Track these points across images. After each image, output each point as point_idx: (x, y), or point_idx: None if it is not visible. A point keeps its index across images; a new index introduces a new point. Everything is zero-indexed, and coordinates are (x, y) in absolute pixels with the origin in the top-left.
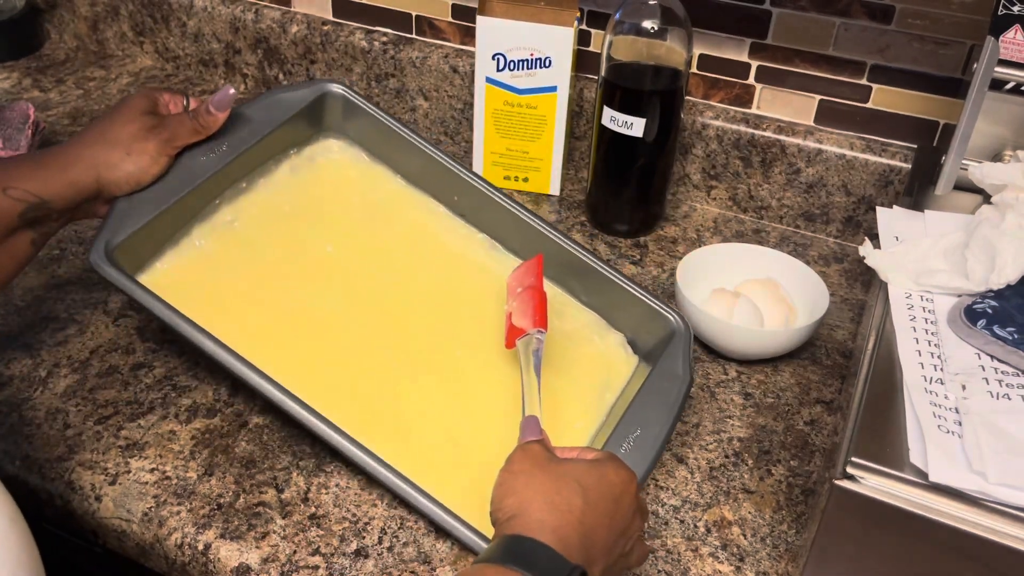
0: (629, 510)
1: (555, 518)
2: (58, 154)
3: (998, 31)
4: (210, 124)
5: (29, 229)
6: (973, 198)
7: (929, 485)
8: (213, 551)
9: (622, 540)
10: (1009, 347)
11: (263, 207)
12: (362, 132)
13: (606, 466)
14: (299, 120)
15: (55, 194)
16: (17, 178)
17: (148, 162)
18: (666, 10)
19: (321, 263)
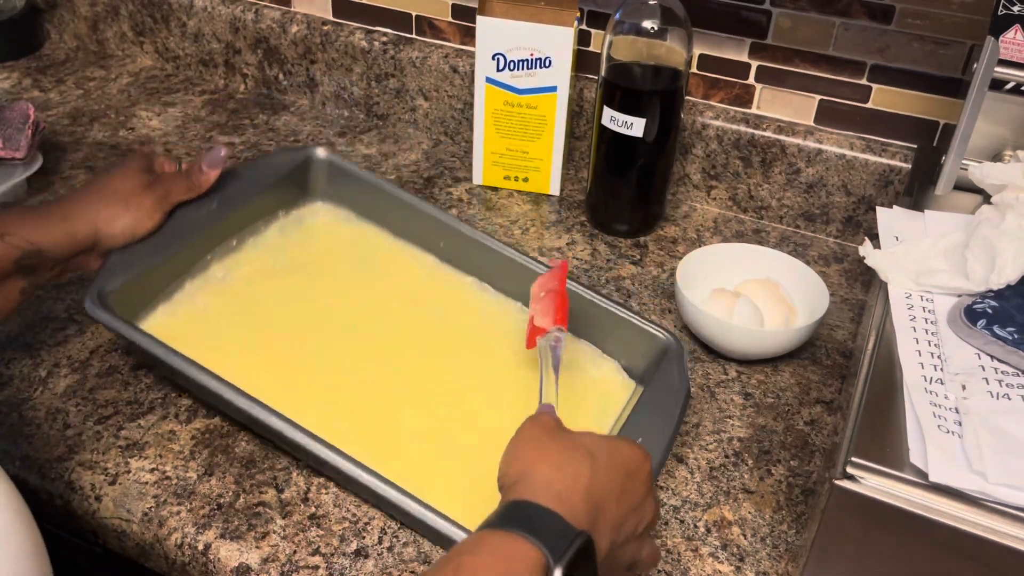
0: (642, 488)
1: (561, 483)
2: (57, 206)
3: (998, 31)
4: (202, 182)
5: (22, 277)
6: (973, 198)
7: (929, 485)
8: (213, 551)
9: (633, 519)
10: (1009, 347)
11: (253, 265)
12: (347, 193)
13: (619, 441)
14: (286, 183)
15: (52, 243)
16: (15, 225)
17: (144, 216)
18: (666, 10)
19: (313, 313)
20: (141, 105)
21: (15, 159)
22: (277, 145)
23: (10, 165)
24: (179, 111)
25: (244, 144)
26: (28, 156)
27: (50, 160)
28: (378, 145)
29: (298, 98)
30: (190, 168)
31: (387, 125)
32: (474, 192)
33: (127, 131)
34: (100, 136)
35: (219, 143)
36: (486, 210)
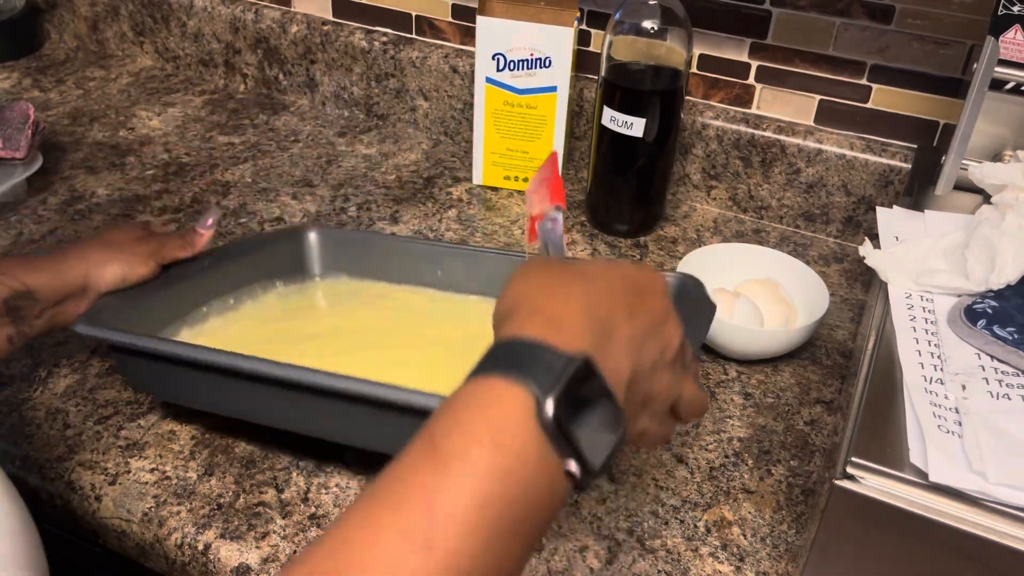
0: (656, 305)
1: (552, 307)
2: (52, 254)
3: (998, 31)
4: (196, 241)
5: (9, 324)
6: (973, 198)
7: (929, 485)
8: (213, 551)
9: (654, 341)
10: (1009, 347)
11: (251, 319)
12: (342, 260)
13: (622, 261)
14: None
15: (42, 284)
16: (7, 266)
17: (137, 262)
18: (666, 10)
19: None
20: (141, 105)
21: (15, 159)
22: (277, 146)
23: (10, 165)
24: (179, 111)
25: (244, 144)
26: (28, 156)
27: (50, 160)
28: (378, 145)
29: (298, 98)
30: (184, 231)
31: (387, 125)
32: (474, 192)
33: (127, 131)
34: (100, 136)
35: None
36: (486, 210)
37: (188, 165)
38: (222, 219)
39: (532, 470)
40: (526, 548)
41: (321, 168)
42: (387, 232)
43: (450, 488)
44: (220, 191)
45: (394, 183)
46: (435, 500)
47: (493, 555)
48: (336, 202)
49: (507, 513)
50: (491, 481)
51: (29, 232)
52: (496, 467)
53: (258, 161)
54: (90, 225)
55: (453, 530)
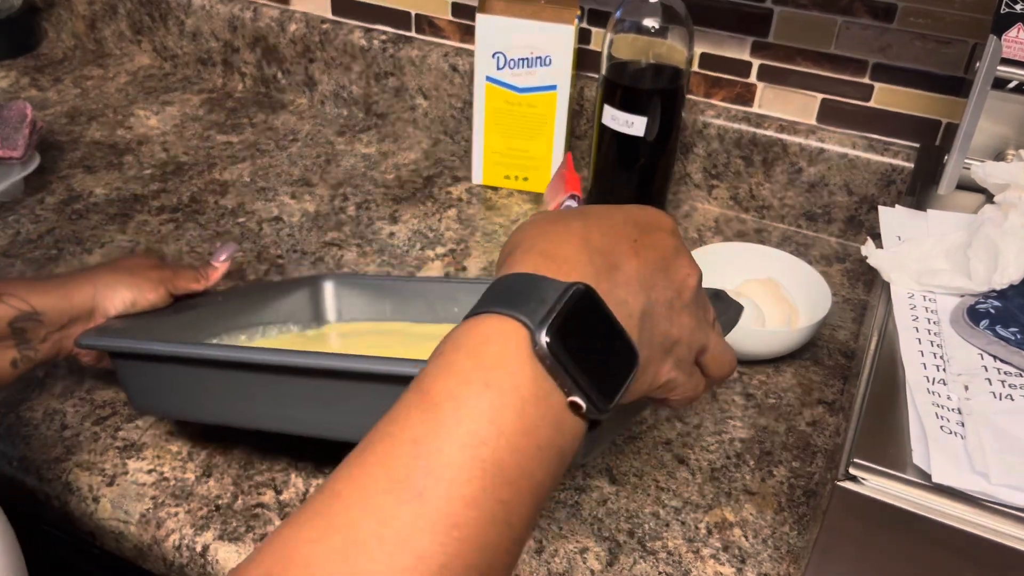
0: (665, 242)
1: (547, 243)
2: (59, 277)
3: (1000, 30)
4: (210, 275)
5: (14, 347)
6: (976, 197)
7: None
8: (211, 553)
9: (665, 278)
10: (1012, 347)
11: None
12: (358, 305)
13: (626, 204)
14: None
15: (49, 306)
16: (15, 288)
17: (147, 288)
18: (667, 8)
19: None
20: (139, 104)
21: (12, 158)
22: (276, 145)
23: (7, 165)
24: (177, 110)
25: (242, 143)
26: (26, 155)
27: (48, 159)
28: (377, 144)
29: (297, 97)
30: (198, 266)
31: (386, 124)
32: (474, 191)
33: (125, 130)
34: (98, 135)
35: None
36: (486, 209)
37: (186, 164)
38: (220, 218)
39: (530, 409)
40: (533, 496)
41: (320, 167)
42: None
43: (440, 434)
44: (218, 190)
45: (393, 182)
46: (425, 447)
47: (493, 502)
48: (335, 201)
49: (506, 457)
50: (483, 422)
51: (27, 232)
52: (489, 408)
53: (256, 160)
54: (88, 224)
55: (446, 477)
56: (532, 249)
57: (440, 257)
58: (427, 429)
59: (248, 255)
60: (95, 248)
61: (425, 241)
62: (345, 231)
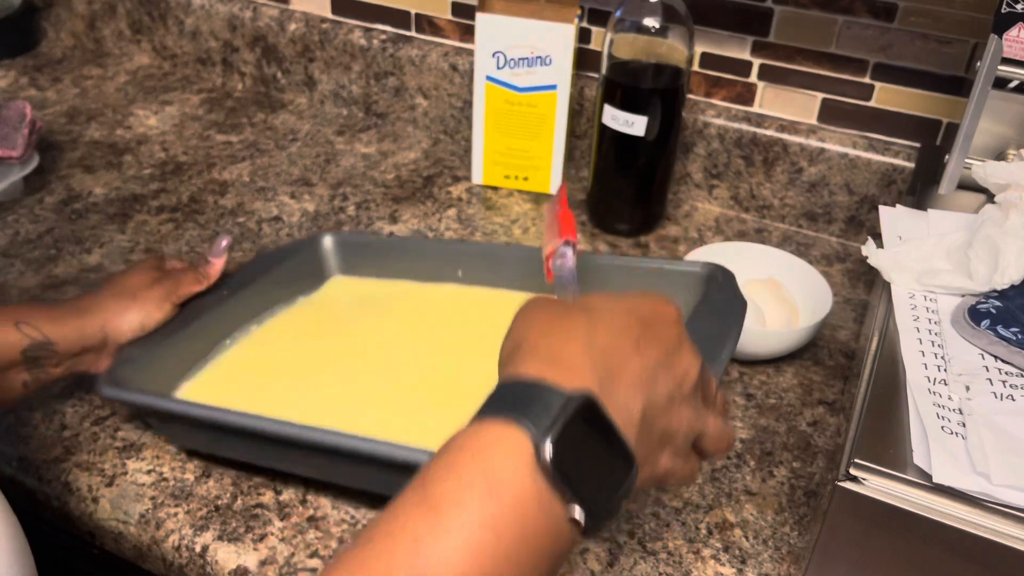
0: (667, 336)
1: (550, 345)
2: (70, 303)
3: (1001, 29)
4: (209, 272)
5: (25, 370)
6: (976, 197)
7: (932, 486)
8: (211, 553)
9: (667, 374)
10: (1013, 347)
11: (274, 342)
12: (361, 262)
13: (628, 293)
14: (299, 271)
15: (62, 336)
16: (30, 315)
17: (153, 308)
18: (667, 8)
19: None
20: (138, 103)
21: (11, 158)
22: (275, 144)
23: (7, 164)
24: (176, 109)
25: (242, 143)
26: (25, 155)
27: (47, 159)
28: (377, 144)
29: (296, 96)
30: (196, 261)
31: (386, 124)
32: (474, 191)
33: (124, 130)
34: (97, 135)
35: (223, 231)
36: (486, 209)
37: (185, 164)
38: (219, 218)
39: (531, 518)
40: None
41: (320, 167)
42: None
43: (441, 537)
44: (218, 190)
45: (393, 182)
46: (425, 549)
47: None
48: (335, 201)
49: (503, 565)
50: (485, 530)
51: (26, 232)
52: (491, 515)
53: (256, 160)
54: (87, 224)
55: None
56: (537, 353)
57: None
58: (428, 529)
59: (248, 254)
60: (94, 248)
61: None
62: (345, 231)
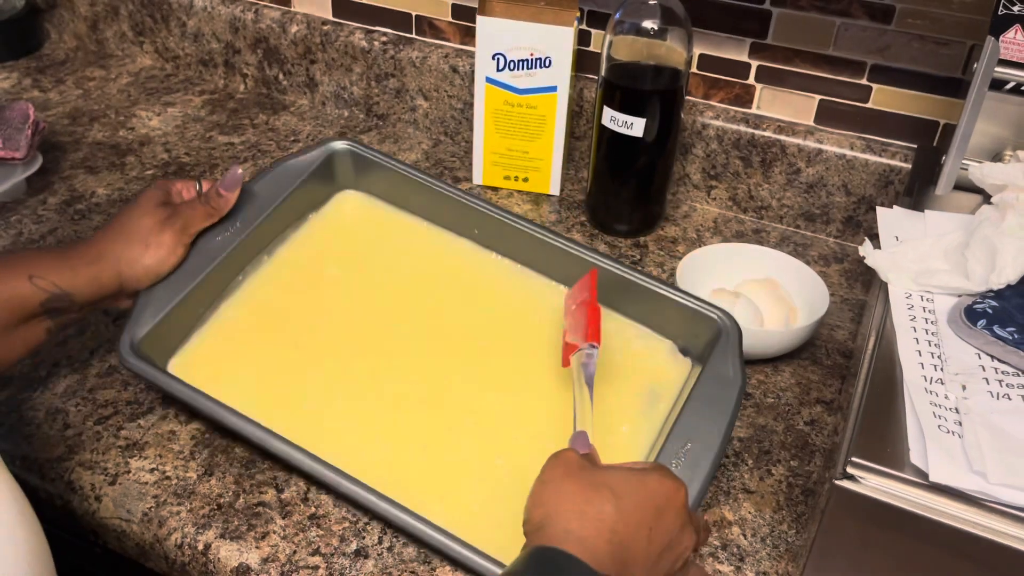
0: (675, 523)
1: (583, 527)
2: (83, 249)
3: (998, 31)
4: (221, 206)
5: (47, 318)
6: (973, 198)
7: (929, 485)
8: (213, 551)
9: (668, 556)
10: (1009, 347)
11: (288, 275)
12: (375, 182)
13: (648, 475)
14: (311, 183)
15: (78, 288)
16: (43, 268)
17: (166, 253)
18: (666, 10)
19: (354, 319)
20: (141, 105)
21: (15, 159)
22: (277, 146)
23: (10, 165)
24: (179, 111)
25: (244, 144)
26: (28, 156)
27: (50, 160)
28: (378, 145)
29: (298, 98)
30: (207, 192)
31: (387, 125)
32: (474, 192)
33: (127, 131)
34: (100, 136)
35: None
36: None
37: (188, 165)
38: None
39: None
40: None
41: None
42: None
43: None
44: None
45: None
46: None
47: None
48: None
49: None
50: None
51: (29, 232)
52: None
53: (258, 161)
54: (90, 225)
55: None
56: (569, 532)
57: None
58: None
59: None
60: None
61: None
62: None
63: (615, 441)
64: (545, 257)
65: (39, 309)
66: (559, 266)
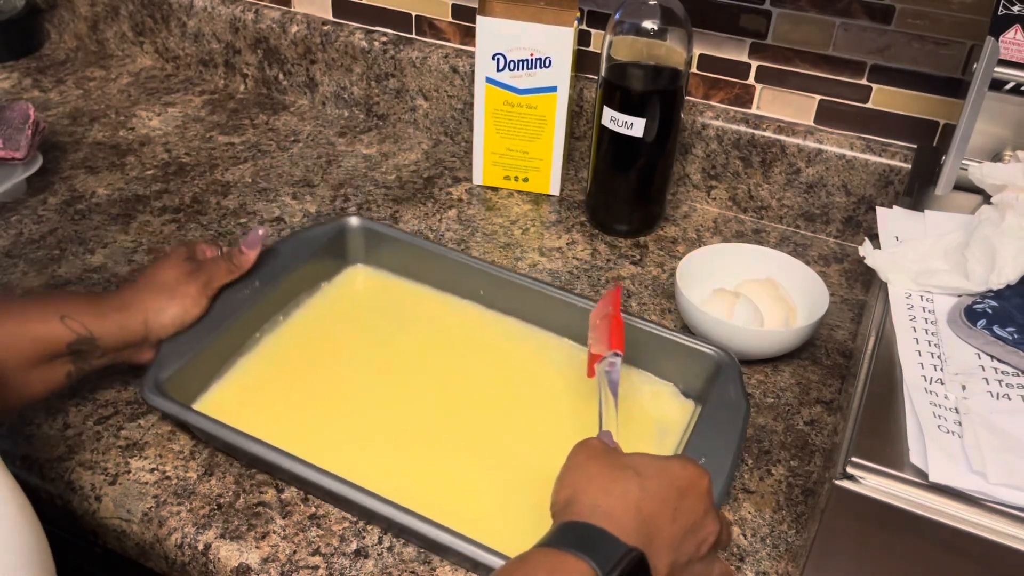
0: (698, 506)
1: (609, 503)
2: (111, 297)
3: (998, 31)
4: (243, 263)
5: (69, 362)
6: (973, 198)
7: (929, 485)
8: (213, 551)
9: (692, 539)
10: (1009, 347)
11: (302, 336)
12: (383, 254)
13: (671, 461)
14: (324, 254)
15: (105, 332)
16: (74, 310)
17: (191, 304)
18: (666, 10)
19: (366, 376)
20: (141, 105)
21: (15, 159)
22: (277, 146)
23: (10, 165)
24: (179, 111)
25: (244, 144)
26: (28, 156)
27: (50, 160)
28: (378, 145)
29: (298, 98)
30: (230, 251)
31: (387, 125)
32: (474, 192)
33: (127, 131)
34: (100, 136)
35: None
36: (486, 210)
37: (188, 165)
38: (221, 218)
39: None
40: None
41: (321, 168)
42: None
43: None
44: (220, 191)
45: (394, 183)
46: None
47: None
48: (336, 202)
49: None
50: None
51: (29, 232)
52: None
53: (258, 161)
54: (91, 225)
55: None
56: (596, 507)
57: None
58: None
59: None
60: (97, 248)
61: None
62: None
63: None
64: (549, 310)
65: (64, 350)
66: (561, 318)
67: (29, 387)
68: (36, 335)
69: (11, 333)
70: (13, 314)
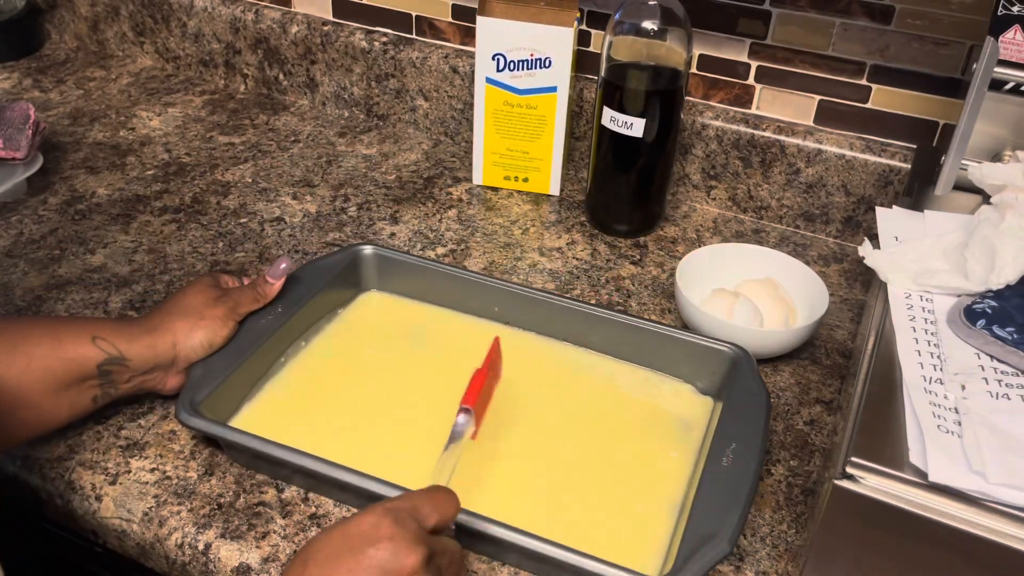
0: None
1: None
2: (140, 321)
3: (997, 31)
4: (268, 292)
5: (97, 385)
6: (973, 198)
7: (929, 485)
8: (213, 551)
9: None
10: (1009, 347)
11: (324, 360)
12: (395, 280)
13: (351, 521)
14: (339, 282)
15: (135, 353)
16: (105, 331)
17: (218, 326)
18: (666, 10)
19: (389, 395)
20: (141, 105)
21: (15, 159)
22: (277, 146)
23: (10, 165)
24: (179, 111)
25: (244, 144)
26: (28, 156)
27: (50, 160)
28: (378, 145)
29: (298, 98)
30: (255, 280)
31: (387, 125)
32: (474, 192)
33: (127, 131)
34: (100, 136)
35: (283, 255)
36: (486, 210)
37: (188, 165)
38: (222, 218)
39: None
40: None
41: (321, 168)
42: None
43: None
44: (220, 191)
45: (394, 183)
46: None
47: None
48: (336, 202)
49: None
50: None
51: (30, 232)
52: None
53: (258, 161)
54: (91, 225)
55: None
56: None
57: (440, 258)
58: None
59: (250, 255)
60: (98, 248)
61: (426, 241)
62: (346, 231)
63: (667, 467)
64: (563, 320)
65: (95, 371)
66: (577, 328)
67: (57, 411)
68: (69, 356)
69: (45, 354)
70: (46, 336)
